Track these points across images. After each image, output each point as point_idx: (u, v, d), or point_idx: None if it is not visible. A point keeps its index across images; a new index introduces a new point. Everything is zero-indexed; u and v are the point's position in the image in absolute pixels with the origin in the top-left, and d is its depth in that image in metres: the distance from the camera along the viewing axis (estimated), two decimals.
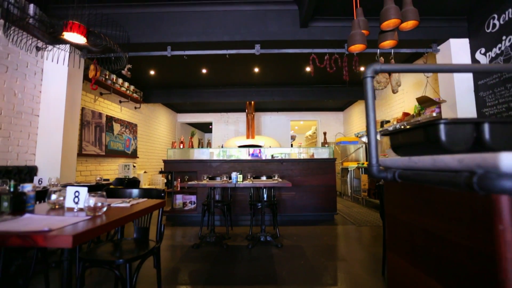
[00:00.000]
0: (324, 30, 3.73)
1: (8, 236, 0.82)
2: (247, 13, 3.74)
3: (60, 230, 0.88)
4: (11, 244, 0.82)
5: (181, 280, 2.23)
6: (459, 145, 0.72)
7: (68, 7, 3.50)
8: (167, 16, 3.75)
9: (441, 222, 0.68)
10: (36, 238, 0.83)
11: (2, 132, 3.17)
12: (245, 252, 2.93)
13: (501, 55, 3.19)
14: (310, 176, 4.52)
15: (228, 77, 6.25)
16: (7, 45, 3.24)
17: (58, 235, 0.83)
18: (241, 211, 4.40)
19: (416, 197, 0.80)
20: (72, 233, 0.83)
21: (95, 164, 5.06)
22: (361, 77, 1.00)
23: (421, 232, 0.76)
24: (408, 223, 0.83)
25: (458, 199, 0.62)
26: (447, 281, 0.65)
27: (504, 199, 0.51)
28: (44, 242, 0.82)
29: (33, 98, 3.60)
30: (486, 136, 0.72)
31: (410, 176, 0.80)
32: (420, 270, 0.77)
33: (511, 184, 0.50)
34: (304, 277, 2.26)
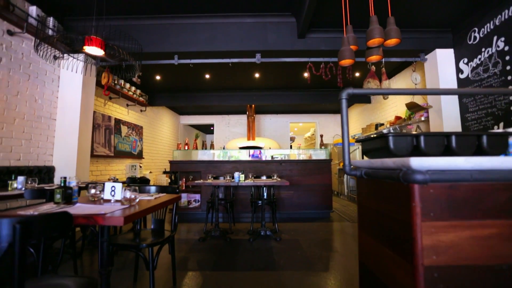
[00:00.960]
0: (320, 40, 4.03)
1: (76, 217, 1.12)
2: (249, 25, 4.04)
3: (112, 213, 1.17)
4: (79, 223, 1.12)
5: (191, 267, 2.53)
6: (402, 151, 1.02)
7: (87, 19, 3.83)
8: (175, 27, 4.05)
9: (386, 205, 0.98)
10: (97, 218, 1.12)
11: (25, 135, 3.47)
12: (247, 244, 3.22)
13: (481, 65, 3.49)
14: (307, 176, 4.82)
15: (230, 82, 6.55)
16: (29, 55, 3.54)
17: (112, 216, 1.13)
18: (243, 208, 4.69)
19: (374, 189, 1.10)
20: (123, 215, 1.13)
21: (105, 165, 5.36)
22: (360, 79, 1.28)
23: (376, 213, 1.06)
24: (370, 207, 1.13)
25: (394, 188, 0.92)
26: (390, 244, 0.95)
27: (416, 186, 0.81)
28: (103, 221, 1.12)
29: (51, 104, 3.90)
30: (422, 144, 1.02)
31: (371, 174, 1.10)
32: (377, 241, 1.07)
33: (419, 177, 0.80)
34: (299, 265, 2.55)
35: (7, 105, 3.22)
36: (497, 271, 0.78)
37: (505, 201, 0.81)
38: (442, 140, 1.02)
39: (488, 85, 3.39)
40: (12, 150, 3.29)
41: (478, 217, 0.81)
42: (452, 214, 0.81)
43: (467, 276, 0.79)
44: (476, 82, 3.58)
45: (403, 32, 4.06)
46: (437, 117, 4.01)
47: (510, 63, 3.08)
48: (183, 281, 2.22)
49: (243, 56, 4.18)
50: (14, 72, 3.32)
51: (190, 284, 2.17)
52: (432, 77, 4.10)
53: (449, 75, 3.97)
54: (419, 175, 0.80)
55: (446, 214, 0.81)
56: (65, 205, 1.39)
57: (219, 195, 3.97)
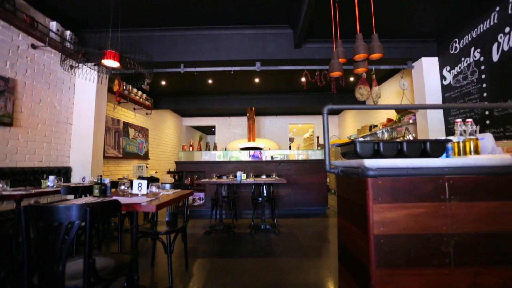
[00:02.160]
0: (314, 50, 4.37)
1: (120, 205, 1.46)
2: (249, 36, 4.38)
3: (146, 202, 1.52)
4: (122, 210, 1.46)
5: (200, 254, 2.87)
6: (366, 154, 1.37)
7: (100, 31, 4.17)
8: (181, 38, 4.39)
9: (353, 194, 1.32)
10: (135, 206, 1.47)
11: (46, 138, 3.82)
12: (248, 237, 3.57)
13: (461, 73, 3.84)
14: (304, 175, 5.16)
15: (232, 86, 6.89)
16: (49, 65, 3.89)
17: (147, 205, 1.48)
18: (244, 206, 5.03)
19: (346, 182, 1.44)
20: (155, 204, 1.48)
21: (114, 165, 5.70)
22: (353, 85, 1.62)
23: (348, 201, 1.40)
24: (344, 197, 1.48)
25: (357, 181, 1.26)
26: (355, 222, 1.30)
27: (369, 180, 1.16)
28: (140, 208, 1.47)
29: (68, 109, 4.24)
30: (380, 149, 1.36)
31: (344, 171, 1.44)
32: (349, 222, 1.41)
33: (371, 173, 1.14)
34: (295, 253, 2.90)
35: (31, 112, 3.57)
36: (424, 238, 1.13)
37: (430, 190, 1.15)
38: (395, 145, 1.37)
39: (466, 91, 3.73)
40: (35, 153, 3.63)
41: (411, 201, 1.15)
42: (394, 198, 1.15)
43: (403, 241, 1.13)
44: (457, 88, 3.92)
45: (392, 42, 4.42)
46: (423, 120, 4.35)
47: (485, 72, 3.42)
48: (193, 265, 2.56)
49: (244, 65, 4.52)
50: (37, 82, 3.66)
51: (200, 268, 2.51)
52: (419, 83, 4.44)
53: (433, 81, 4.31)
54: (371, 172, 1.15)
55: (389, 199, 1.15)
56: (103, 197, 1.74)
57: (222, 193, 4.31)
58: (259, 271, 2.42)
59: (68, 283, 1.20)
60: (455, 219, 1.13)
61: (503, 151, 1.47)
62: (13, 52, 3.32)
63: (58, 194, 2.74)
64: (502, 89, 3.18)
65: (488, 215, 1.13)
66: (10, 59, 3.28)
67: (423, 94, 4.33)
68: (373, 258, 1.12)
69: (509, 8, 3.05)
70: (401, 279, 1.12)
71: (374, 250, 1.12)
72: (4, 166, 3.16)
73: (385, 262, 1.12)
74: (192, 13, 3.93)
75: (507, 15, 3.08)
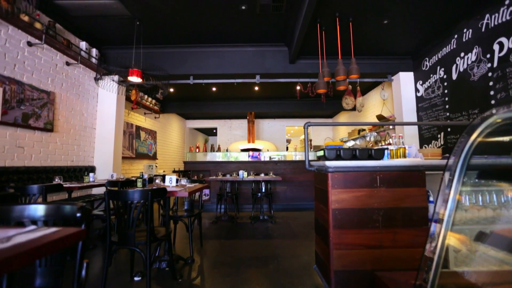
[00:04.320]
0: (307, 65, 5.04)
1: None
2: (250, 53, 5.04)
3: (180, 191, 2.18)
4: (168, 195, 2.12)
5: (210, 237, 3.53)
6: (331, 157, 2.03)
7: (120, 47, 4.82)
8: (191, 54, 5.05)
9: (322, 184, 1.99)
10: (174, 193, 2.13)
11: (76, 141, 4.46)
12: (249, 225, 4.23)
13: (430, 87, 4.52)
14: (298, 174, 5.83)
15: (233, 93, 7.55)
16: (79, 78, 4.53)
17: (181, 191, 2.14)
18: (245, 201, 5.69)
19: (318, 177, 2.11)
20: (187, 191, 2.14)
21: (128, 165, 6.35)
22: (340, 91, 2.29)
23: (319, 189, 2.07)
24: (317, 187, 2.14)
25: (323, 175, 1.93)
26: (322, 202, 1.96)
27: (329, 174, 1.82)
28: (177, 194, 2.13)
29: (92, 116, 4.89)
30: (341, 154, 2.03)
31: (317, 169, 2.11)
32: (319, 203, 2.08)
33: (330, 170, 1.81)
34: (287, 236, 3.56)
35: (65, 119, 4.21)
36: (363, 210, 1.79)
37: (368, 180, 1.81)
38: (351, 151, 2.03)
39: (434, 102, 4.41)
40: (68, 154, 4.28)
41: (356, 187, 1.81)
42: (345, 186, 1.81)
43: (350, 213, 1.79)
44: (427, 100, 4.60)
45: (375, 59, 5.09)
46: (400, 126, 5.03)
47: (447, 87, 4.10)
48: (206, 244, 3.22)
49: (245, 77, 5.18)
50: (69, 94, 4.31)
51: (212, 246, 3.17)
52: (397, 94, 5.12)
53: (409, 93, 4.99)
54: (330, 169, 1.81)
55: (342, 186, 1.81)
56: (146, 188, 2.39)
57: (226, 189, 4.97)
58: (258, 248, 3.08)
59: (137, 240, 1.86)
60: (382, 199, 1.80)
61: (429, 155, 2.15)
62: (53, 69, 3.97)
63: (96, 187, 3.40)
64: (460, 102, 3.86)
65: (402, 196, 1.79)
66: (50, 75, 3.93)
67: (401, 104, 5.01)
68: (331, 223, 1.79)
69: (463, 37, 3.73)
70: (348, 236, 1.78)
71: (331, 218, 1.79)
72: (47, 165, 3.81)
73: (338, 226, 1.78)
74: (201, 33, 4.57)
75: (462, 42, 3.76)
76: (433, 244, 0.94)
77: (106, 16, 3.94)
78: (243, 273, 2.36)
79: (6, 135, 3.23)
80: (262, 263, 2.61)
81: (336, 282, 1.76)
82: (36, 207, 1.08)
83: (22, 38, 3.46)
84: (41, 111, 3.70)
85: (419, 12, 3.67)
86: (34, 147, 3.63)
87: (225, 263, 2.60)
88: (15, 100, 3.32)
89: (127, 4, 3.64)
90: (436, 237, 0.94)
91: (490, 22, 3.30)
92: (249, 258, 2.75)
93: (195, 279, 2.26)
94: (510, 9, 3.02)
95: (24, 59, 3.50)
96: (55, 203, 1.10)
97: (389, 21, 3.85)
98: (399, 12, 3.67)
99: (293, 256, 2.80)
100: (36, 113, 3.62)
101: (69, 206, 1.08)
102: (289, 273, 2.37)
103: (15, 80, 3.33)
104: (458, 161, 0.97)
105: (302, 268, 2.46)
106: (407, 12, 3.67)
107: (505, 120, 0.95)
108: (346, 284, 1.75)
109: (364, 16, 3.75)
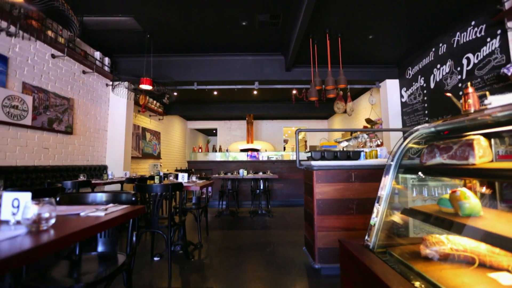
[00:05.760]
0: (301, 73, 5.49)
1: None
2: (250, 61, 5.49)
3: (192, 185, 2.64)
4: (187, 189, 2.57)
5: (215, 228, 3.98)
6: (317, 158, 2.50)
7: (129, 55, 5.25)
8: (195, 62, 5.49)
9: (309, 179, 2.45)
10: (187, 187, 2.59)
11: (91, 143, 4.89)
12: (249, 219, 4.69)
13: (412, 94, 4.99)
14: (294, 172, 6.29)
15: (233, 96, 7.99)
16: (93, 85, 4.96)
17: (194, 186, 2.60)
18: (244, 198, 6.15)
19: (306, 174, 2.57)
20: (199, 186, 2.60)
21: (135, 164, 6.78)
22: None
23: (307, 183, 2.53)
24: (306, 182, 2.61)
25: (309, 172, 2.39)
26: (309, 194, 2.43)
27: (314, 171, 2.29)
28: (190, 188, 2.59)
29: (104, 119, 5.32)
30: (325, 155, 2.50)
31: (306, 167, 2.57)
32: (307, 195, 2.54)
33: (315, 168, 2.28)
34: (283, 227, 4.02)
35: (82, 123, 4.64)
36: (341, 200, 2.25)
37: (345, 176, 2.27)
38: (333, 153, 2.50)
39: (415, 108, 4.89)
40: (84, 154, 4.71)
41: (336, 182, 2.27)
42: (327, 181, 2.27)
43: (331, 202, 2.25)
44: (410, 105, 5.07)
45: (365, 67, 5.56)
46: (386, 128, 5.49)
47: (426, 95, 4.58)
48: (211, 233, 3.68)
49: (245, 84, 5.63)
50: (85, 99, 4.74)
51: (217, 235, 3.62)
52: (384, 99, 5.59)
53: (395, 98, 5.47)
54: (315, 167, 2.27)
55: (324, 180, 2.27)
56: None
57: (228, 186, 5.42)
58: (257, 236, 3.54)
59: (160, 224, 2.31)
60: (356, 191, 2.26)
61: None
62: (72, 78, 4.40)
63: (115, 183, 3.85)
64: (436, 108, 4.33)
65: (372, 189, 2.26)
66: (70, 83, 4.36)
67: (387, 108, 5.49)
68: (315, 211, 2.25)
69: (439, 51, 4.20)
70: (329, 221, 2.24)
71: (316, 207, 2.25)
72: (67, 164, 4.24)
73: (321, 213, 2.24)
74: (204, 43, 5.01)
75: (438, 55, 4.23)
76: (374, 216, 1.41)
77: (120, 29, 4.37)
78: (244, 255, 2.81)
79: (35, 138, 3.66)
80: (260, 247, 3.07)
81: (319, 256, 2.22)
82: (102, 194, 1.53)
83: (47, 51, 3.89)
84: (63, 116, 4.13)
85: (400, 28, 4.13)
86: (56, 148, 4.06)
87: (228, 248, 3.06)
88: (42, 106, 3.75)
89: (140, 21, 4.08)
90: (376, 211, 1.41)
91: (460, 39, 3.77)
92: (249, 244, 3.21)
93: (205, 259, 2.72)
94: (475, 29, 3.50)
95: (49, 70, 3.93)
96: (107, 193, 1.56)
97: (374, 36, 4.31)
98: (383, 28, 4.13)
99: (287, 242, 3.26)
100: (59, 118, 4.05)
101: (124, 194, 1.53)
102: (283, 254, 2.83)
103: (42, 89, 3.76)
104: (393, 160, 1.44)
105: (294, 251, 2.92)
106: (390, 28, 4.13)
107: (424, 133, 1.42)
108: (327, 258, 2.21)
109: (351, 32, 4.21)
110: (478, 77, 3.45)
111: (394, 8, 3.59)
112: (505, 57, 3.05)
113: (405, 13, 3.71)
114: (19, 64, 3.45)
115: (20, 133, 3.44)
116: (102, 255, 1.54)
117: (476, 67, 3.48)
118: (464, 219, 1.07)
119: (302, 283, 2.13)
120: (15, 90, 3.38)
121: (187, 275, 2.34)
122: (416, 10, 3.63)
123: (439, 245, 1.15)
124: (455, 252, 1.11)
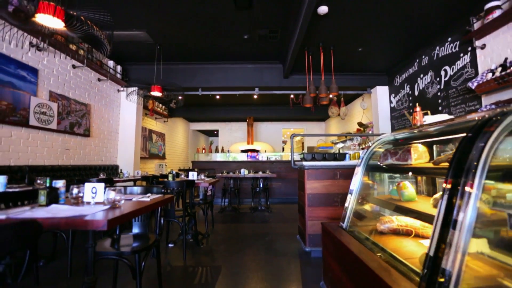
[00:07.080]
0: (298, 80, 5.94)
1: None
2: (250, 69, 5.93)
3: (203, 182, 3.08)
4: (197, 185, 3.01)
5: (219, 222, 4.42)
6: (308, 159, 2.94)
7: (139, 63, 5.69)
8: (200, 70, 5.92)
9: (301, 177, 2.89)
10: (198, 184, 3.03)
11: (105, 144, 5.33)
12: (250, 214, 5.13)
13: (400, 100, 5.44)
14: (291, 172, 6.72)
15: (234, 100, 8.43)
16: (106, 91, 5.40)
17: (204, 183, 3.04)
18: (245, 195, 6.58)
19: (299, 173, 3.01)
20: (208, 182, 3.04)
21: (143, 164, 7.21)
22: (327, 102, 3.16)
23: (300, 181, 2.98)
24: (299, 180, 3.05)
25: (302, 171, 2.84)
26: (302, 189, 2.87)
27: (305, 170, 2.73)
28: (200, 184, 3.03)
29: (116, 122, 5.75)
30: (315, 157, 2.94)
31: (299, 167, 3.01)
32: (301, 191, 2.98)
33: (306, 167, 2.73)
34: (280, 221, 4.46)
35: (97, 126, 5.08)
36: (328, 194, 2.69)
37: (331, 174, 2.71)
38: (322, 155, 2.94)
39: (403, 113, 5.33)
40: (99, 154, 5.15)
41: (323, 179, 2.71)
42: (316, 178, 2.71)
43: (319, 196, 2.69)
44: (398, 110, 5.52)
45: (357, 75, 6.00)
46: (376, 131, 5.94)
47: (412, 101, 5.02)
48: (216, 226, 4.12)
49: (246, 90, 6.07)
50: (100, 104, 5.18)
51: (221, 227, 4.06)
52: (374, 104, 6.04)
53: (384, 104, 5.91)
54: (306, 167, 2.71)
55: (314, 178, 2.71)
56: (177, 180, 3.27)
57: (230, 185, 5.86)
58: (257, 228, 3.98)
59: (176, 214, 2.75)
60: (341, 187, 2.70)
61: None
62: (89, 85, 4.84)
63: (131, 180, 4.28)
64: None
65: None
66: (87, 90, 4.80)
67: (377, 113, 5.93)
68: (306, 203, 2.69)
69: (422, 62, 4.65)
70: (318, 211, 2.68)
71: (307, 200, 2.69)
72: (85, 163, 4.68)
73: (311, 204, 2.68)
74: (208, 52, 5.45)
75: (421, 66, 4.68)
76: (346, 204, 1.85)
77: (132, 41, 4.81)
78: (246, 243, 3.25)
79: (59, 140, 4.10)
80: (260, 237, 3.51)
81: (309, 241, 2.66)
82: (138, 188, 1.97)
83: (68, 62, 4.33)
84: (82, 120, 4.57)
85: (387, 41, 4.57)
86: (76, 149, 4.50)
87: (232, 237, 3.50)
88: (65, 112, 4.19)
89: (152, 34, 4.51)
90: (349, 200, 1.85)
91: (439, 53, 4.22)
92: (250, 234, 3.65)
93: (212, 245, 3.16)
94: (451, 45, 3.94)
95: (70, 79, 4.37)
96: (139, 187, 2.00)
97: (363, 48, 4.76)
98: (371, 42, 4.57)
99: (283, 233, 3.70)
100: (79, 122, 4.49)
101: (155, 187, 1.97)
102: (279, 241, 3.27)
103: (65, 96, 4.20)
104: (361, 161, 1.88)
105: (289, 239, 3.36)
106: (378, 41, 4.57)
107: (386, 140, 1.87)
108: (315, 242, 2.66)
109: (342, 45, 4.65)
110: (454, 87, 3.90)
111: (381, 24, 4.03)
112: (474, 71, 3.50)
113: (391, 28, 4.15)
114: (46, 75, 3.89)
115: (47, 136, 3.87)
116: (137, 235, 1.98)
117: (452, 79, 3.93)
118: (405, 203, 1.52)
119: (294, 262, 2.57)
120: (44, 98, 3.81)
121: (199, 257, 2.78)
122: (401, 26, 4.07)
123: (389, 223, 1.59)
124: (400, 227, 1.56)
